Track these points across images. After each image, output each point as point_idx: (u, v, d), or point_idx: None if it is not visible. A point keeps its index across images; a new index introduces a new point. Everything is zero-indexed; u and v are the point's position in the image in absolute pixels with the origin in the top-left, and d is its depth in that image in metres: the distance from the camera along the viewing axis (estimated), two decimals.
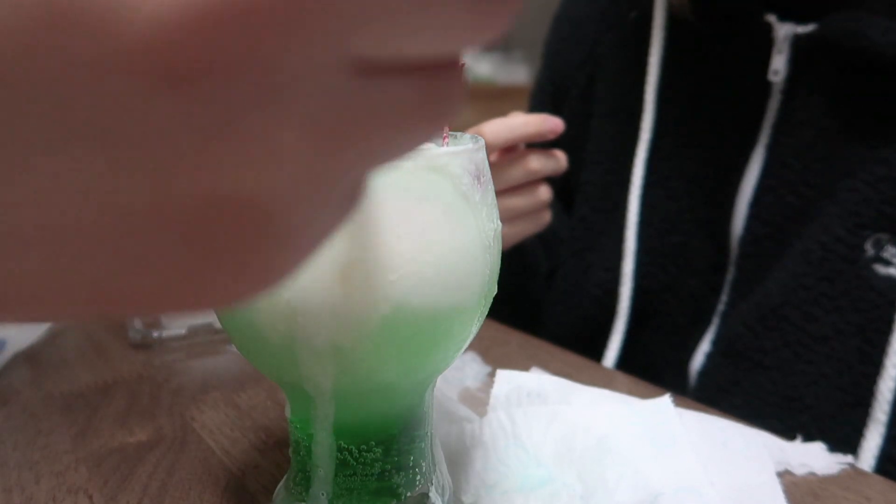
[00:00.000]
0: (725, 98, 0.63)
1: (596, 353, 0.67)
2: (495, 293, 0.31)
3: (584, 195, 0.73)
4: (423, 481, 0.33)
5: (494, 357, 0.56)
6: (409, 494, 0.32)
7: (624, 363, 0.67)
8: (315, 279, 0.26)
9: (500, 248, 0.31)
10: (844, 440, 0.53)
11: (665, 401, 0.43)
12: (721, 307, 0.63)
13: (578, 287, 0.72)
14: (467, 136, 0.31)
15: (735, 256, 0.63)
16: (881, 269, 0.54)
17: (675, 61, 0.66)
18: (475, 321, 0.30)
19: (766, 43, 0.59)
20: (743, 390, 0.59)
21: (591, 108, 0.73)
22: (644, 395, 0.45)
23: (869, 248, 0.55)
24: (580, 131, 0.73)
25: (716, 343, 0.62)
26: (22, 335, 0.62)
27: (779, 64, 0.59)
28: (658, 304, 0.67)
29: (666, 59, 0.67)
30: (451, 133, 0.32)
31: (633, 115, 0.68)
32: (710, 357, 0.62)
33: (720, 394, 0.59)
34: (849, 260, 0.55)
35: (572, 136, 0.70)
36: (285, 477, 0.34)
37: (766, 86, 0.61)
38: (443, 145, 0.31)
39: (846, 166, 0.56)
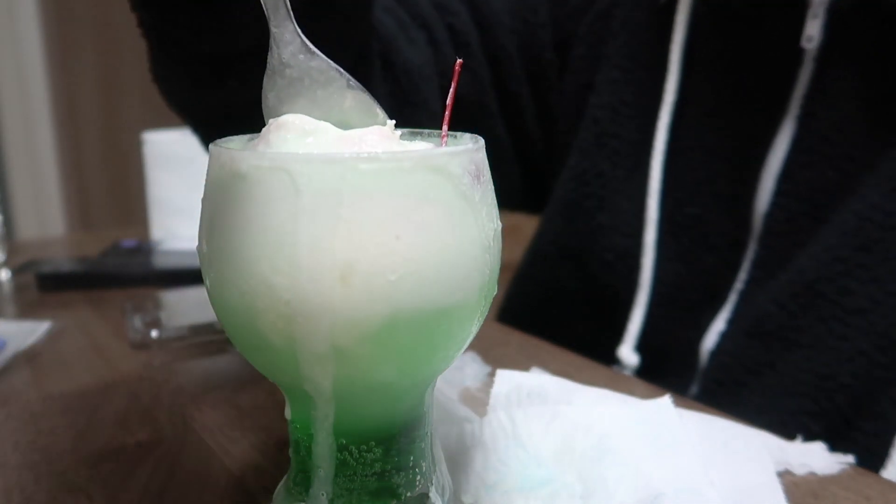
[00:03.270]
0: (753, 65, 0.60)
1: (613, 323, 0.65)
2: (495, 293, 0.31)
3: (604, 147, 0.68)
4: (423, 481, 0.33)
5: (494, 357, 0.56)
6: (409, 494, 0.32)
7: (637, 339, 0.65)
8: (315, 280, 0.26)
9: (501, 248, 0.31)
10: (883, 419, 0.50)
11: (665, 401, 0.43)
12: (739, 285, 0.60)
13: (587, 250, 0.68)
14: (467, 135, 0.31)
15: (759, 234, 0.60)
16: None
17: (703, 22, 0.62)
18: (475, 321, 0.30)
19: (800, 6, 0.55)
20: (776, 371, 0.56)
21: (605, 47, 0.69)
22: (645, 396, 0.45)
23: None
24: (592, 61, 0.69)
25: (734, 322, 0.60)
26: (22, 335, 0.62)
27: (813, 30, 0.55)
28: (670, 277, 0.64)
29: (693, 19, 0.62)
30: (450, 133, 0.32)
31: (656, 76, 0.64)
32: (726, 337, 0.60)
33: (749, 375, 0.57)
34: (886, 227, 0.52)
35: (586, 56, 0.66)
36: (285, 477, 0.34)
37: (798, 53, 0.56)
38: (442, 145, 0.31)
39: (888, 137, 0.53)
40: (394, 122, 0.30)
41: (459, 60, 0.31)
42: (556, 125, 0.74)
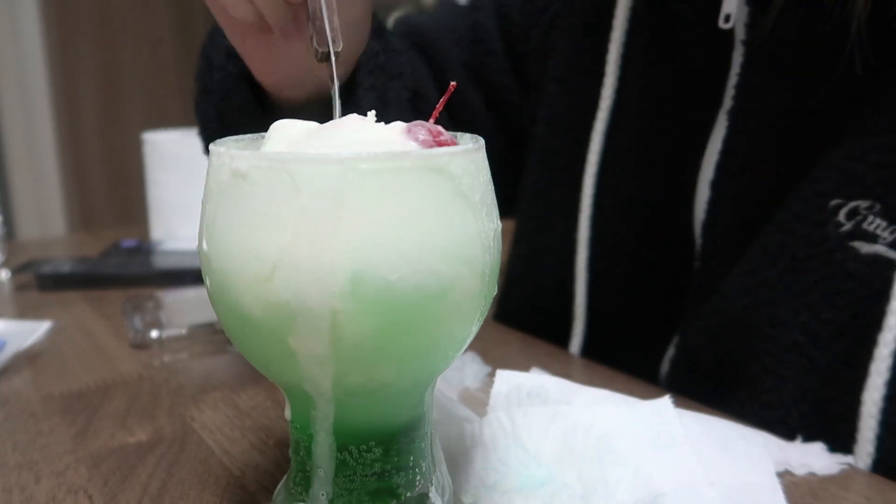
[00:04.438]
0: (684, 55, 0.52)
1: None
2: (495, 293, 0.31)
3: (543, 164, 0.63)
4: (423, 481, 0.33)
5: (494, 357, 0.56)
6: (408, 494, 0.32)
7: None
8: (315, 280, 0.26)
9: (500, 248, 0.31)
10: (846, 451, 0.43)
11: (665, 401, 0.43)
12: (690, 307, 0.54)
13: (531, 275, 0.64)
14: (467, 136, 0.32)
15: (699, 248, 0.53)
16: (864, 247, 0.42)
17: (639, 15, 0.55)
18: (475, 321, 0.30)
19: None
20: (726, 408, 0.48)
21: (550, 58, 0.63)
22: (644, 396, 0.45)
23: (843, 221, 0.43)
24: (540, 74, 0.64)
25: (679, 347, 0.54)
26: (22, 335, 0.62)
27: (730, 6, 0.46)
28: (616, 301, 0.58)
29: (632, 14, 0.55)
30: (451, 134, 0.32)
31: (593, 83, 0.58)
32: (675, 363, 0.54)
33: (702, 411, 0.47)
34: (813, 241, 0.44)
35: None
36: (285, 477, 0.34)
37: (729, 37, 0.49)
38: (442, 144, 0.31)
39: (824, 136, 0.45)
40: (374, 111, 0.30)
41: (453, 83, 0.31)
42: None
